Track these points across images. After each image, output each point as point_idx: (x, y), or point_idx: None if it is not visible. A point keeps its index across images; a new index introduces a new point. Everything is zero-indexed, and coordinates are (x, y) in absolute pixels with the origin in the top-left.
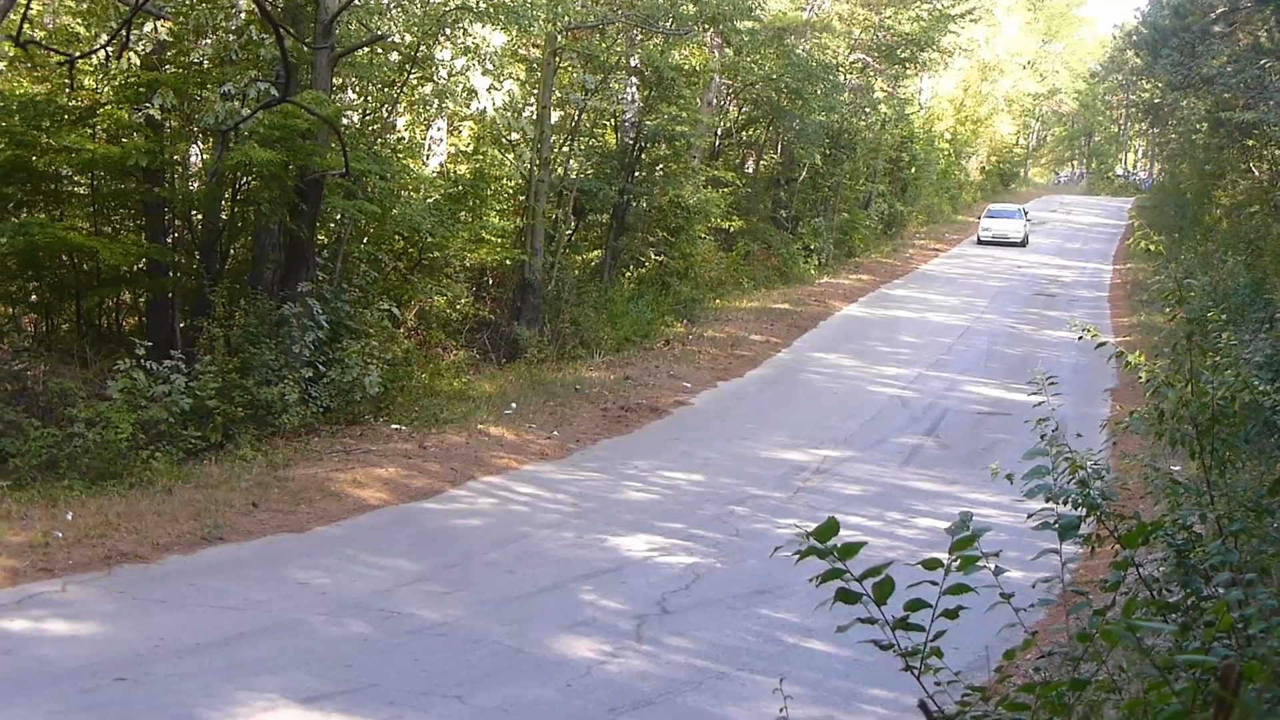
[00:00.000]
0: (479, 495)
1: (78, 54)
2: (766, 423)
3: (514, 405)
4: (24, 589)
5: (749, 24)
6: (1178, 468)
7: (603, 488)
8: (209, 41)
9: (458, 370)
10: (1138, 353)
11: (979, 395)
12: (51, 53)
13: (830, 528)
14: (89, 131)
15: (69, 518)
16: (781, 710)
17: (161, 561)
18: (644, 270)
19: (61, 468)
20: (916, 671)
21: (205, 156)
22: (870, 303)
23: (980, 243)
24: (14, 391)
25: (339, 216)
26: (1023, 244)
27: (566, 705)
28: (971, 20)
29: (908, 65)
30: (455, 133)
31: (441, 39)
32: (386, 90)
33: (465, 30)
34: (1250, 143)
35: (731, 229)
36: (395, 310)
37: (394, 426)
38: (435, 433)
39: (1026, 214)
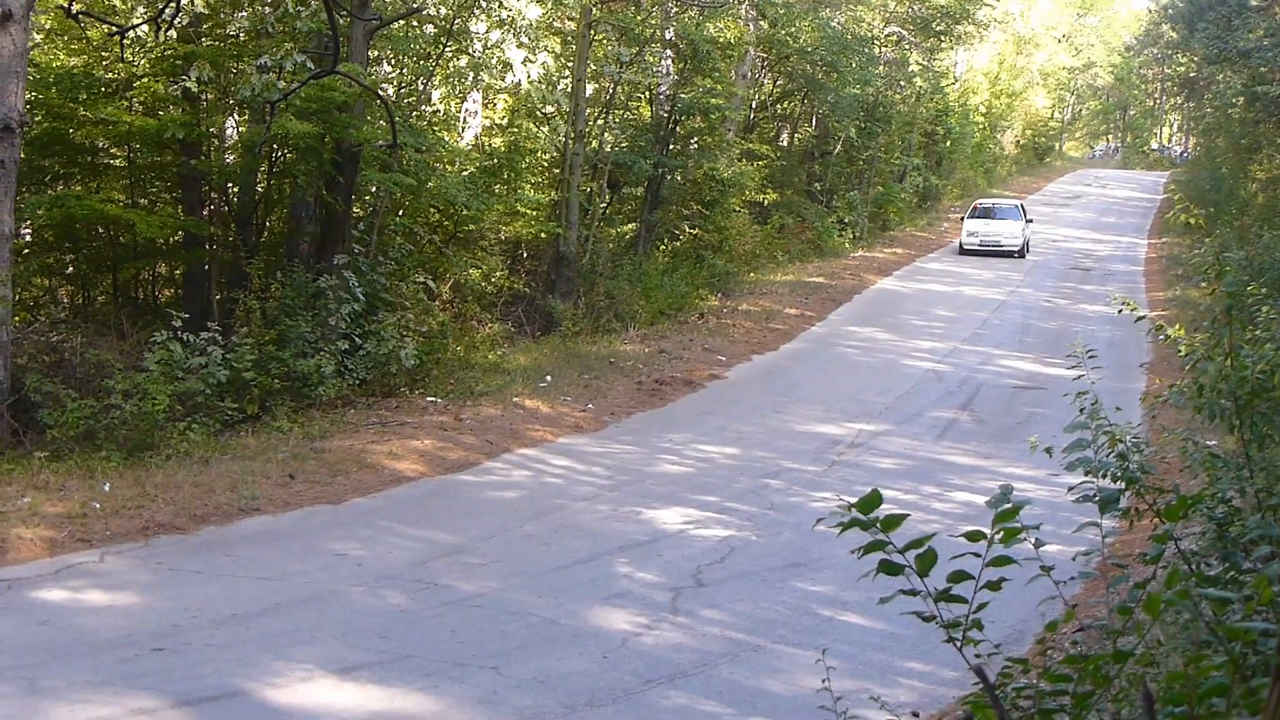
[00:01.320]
0: (514, 467)
1: (128, 24)
2: (801, 396)
3: (549, 378)
4: (62, 559)
5: None
6: (1215, 442)
7: (637, 460)
8: (245, 14)
9: (493, 343)
10: (1177, 326)
11: (1014, 369)
12: (102, 23)
13: (873, 500)
14: (126, 104)
15: (106, 489)
16: (824, 681)
17: (198, 532)
18: (678, 243)
19: (99, 439)
20: (958, 643)
21: (241, 129)
22: (905, 276)
23: (962, 252)
24: (51, 363)
25: (374, 189)
26: (1020, 254)
27: (602, 676)
28: None
29: (943, 38)
30: (490, 106)
31: (477, 11)
32: (422, 63)
33: (500, 3)
34: None
35: (766, 202)
36: (431, 283)
37: (430, 399)
38: (471, 405)
39: (1026, 213)
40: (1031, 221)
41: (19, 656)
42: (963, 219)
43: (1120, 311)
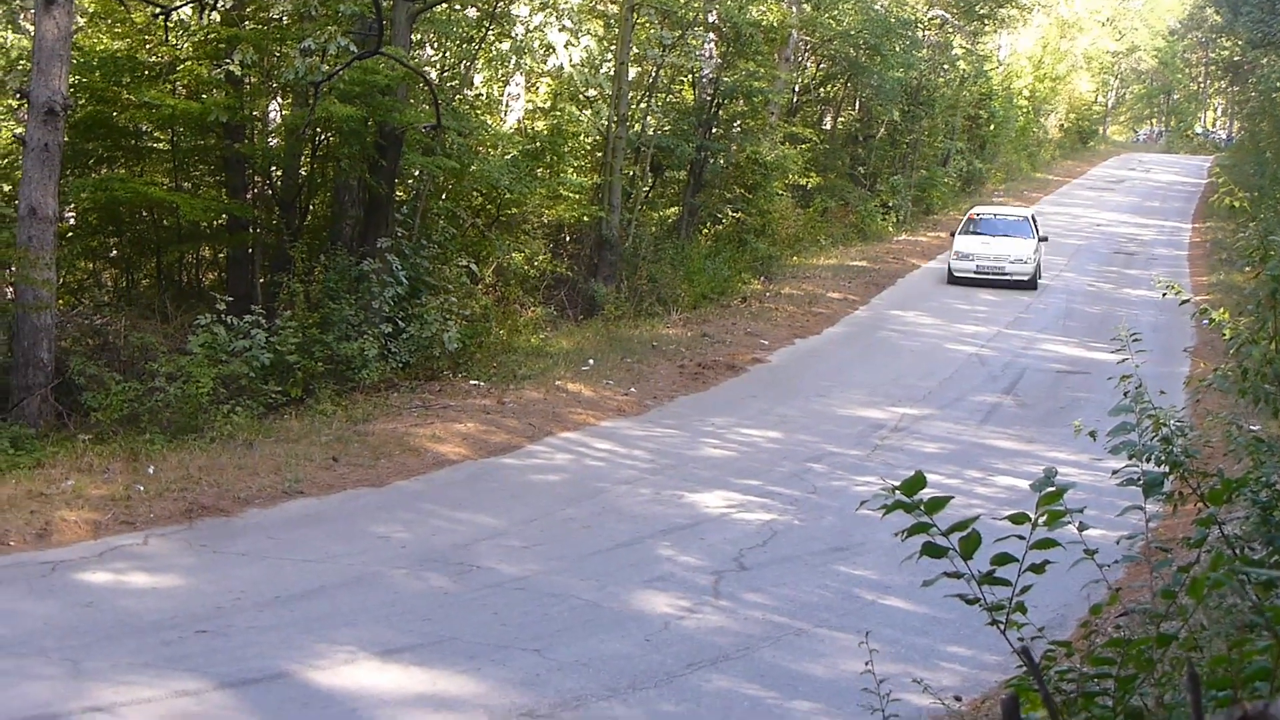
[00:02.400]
0: (557, 451)
1: (172, 7)
2: (844, 380)
3: (591, 362)
4: (106, 542)
5: None
6: (1258, 426)
7: (680, 444)
8: None
9: (535, 327)
10: (1221, 310)
11: (1057, 354)
12: (145, 6)
13: (917, 482)
14: (169, 87)
15: (150, 471)
16: (867, 664)
17: (242, 515)
18: (721, 227)
19: (143, 422)
20: (1002, 626)
21: (285, 113)
22: (949, 260)
23: (952, 280)
24: (95, 346)
25: (417, 173)
26: (1030, 284)
27: (645, 659)
28: None
29: (986, 22)
30: (533, 89)
31: None
32: (464, 46)
33: None
34: None
35: (809, 186)
36: (473, 266)
37: (472, 382)
38: (513, 388)
39: (1037, 227)
40: (1045, 239)
41: (64, 638)
42: (952, 235)
43: (1165, 295)
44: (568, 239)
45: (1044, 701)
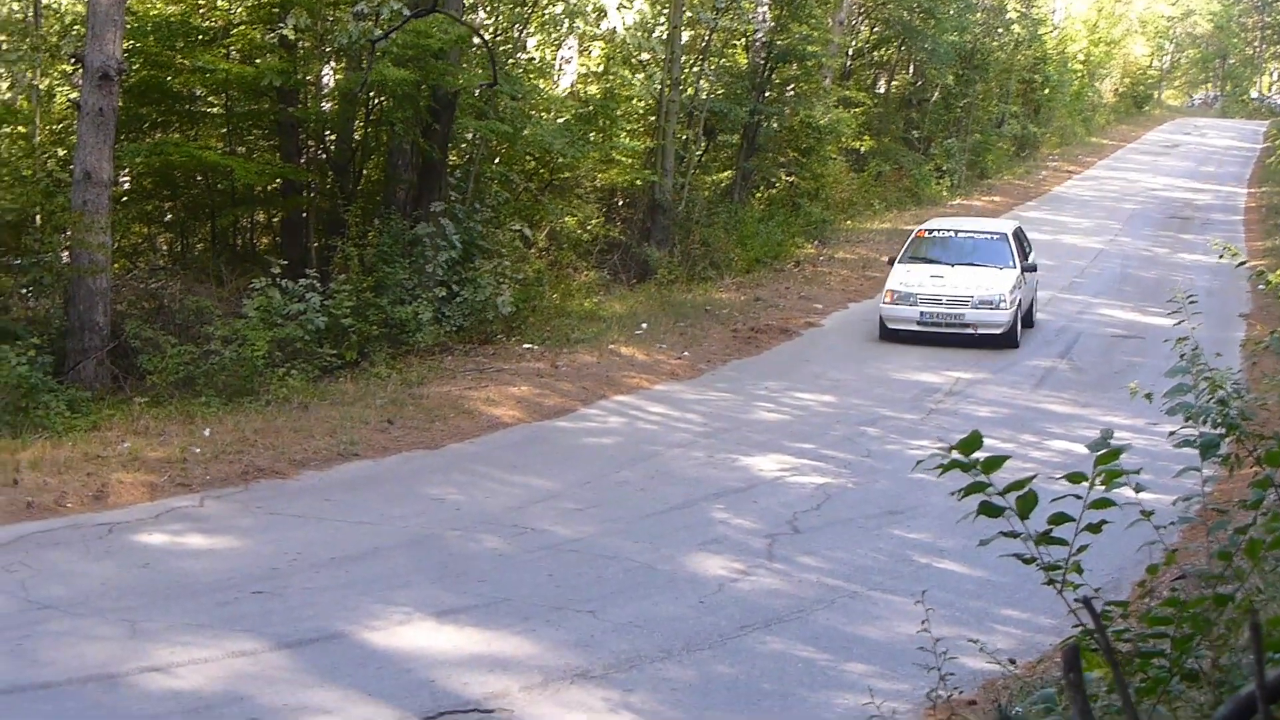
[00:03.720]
0: (610, 414)
1: None
2: (898, 344)
3: (644, 325)
4: (163, 504)
5: None
6: None
7: (733, 408)
8: None
9: (589, 290)
10: (1278, 273)
11: (1113, 318)
12: None
13: (974, 441)
14: (223, 52)
15: (206, 434)
16: (923, 623)
17: (298, 477)
18: (774, 191)
19: (198, 385)
20: (1058, 586)
21: (338, 76)
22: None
23: (883, 336)
24: (151, 309)
25: (470, 136)
26: (1007, 338)
27: (699, 621)
28: None
29: None
30: (585, 53)
31: None
32: (516, 10)
33: None
34: None
35: (863, 150)
36: (527, 231)
37: (526, 346)
38: (567, 352)
39: (1024, 247)
40: (1034, 269)
41: (121, 599)
42: (890, 263)
43: (1221, 257)
44: (621, 203)
45: (1105, 654)
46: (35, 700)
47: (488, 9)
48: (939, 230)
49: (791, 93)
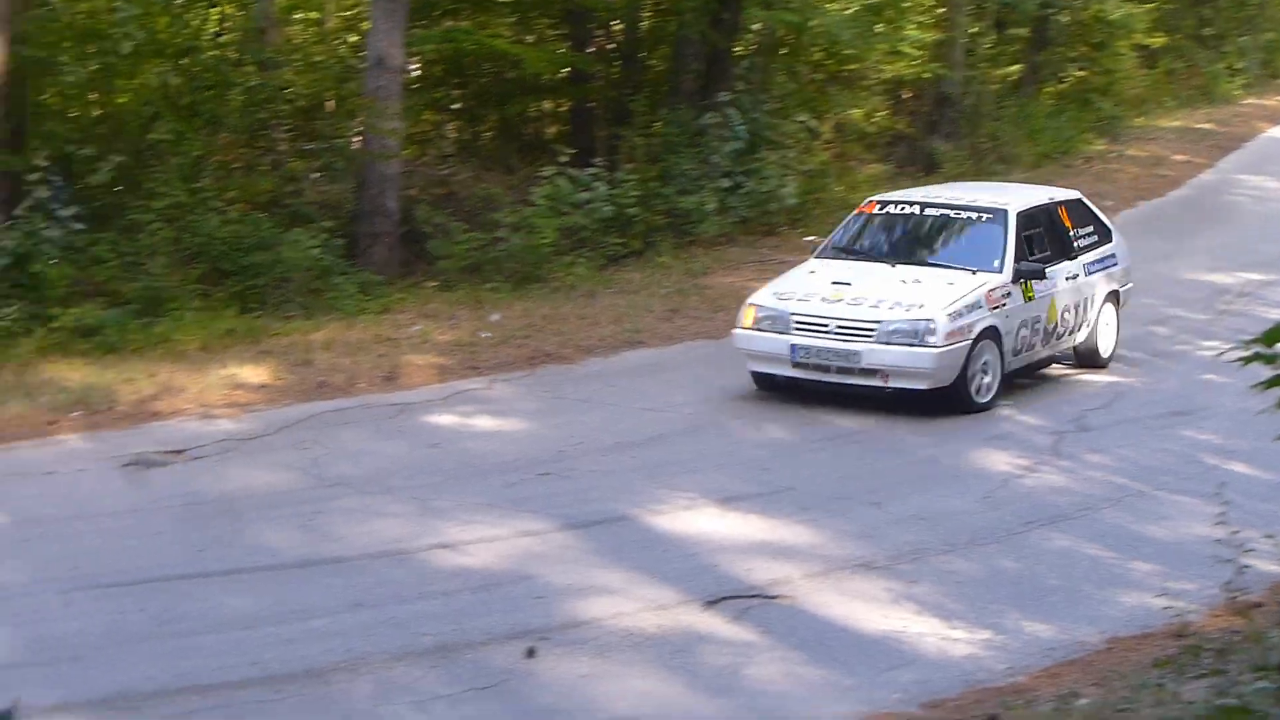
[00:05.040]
0: None
1: None
2: (1188, 244)
3: None
4: (452, 386)
5: None
6: None
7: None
8: None
9: (874, 183)
10: None
11: None
12: None
13: (1278, 332)
14: None
15: (495, 319)
16: (1219, 516)
17: (583, 363)
18: (1064, 86)
19: (486, 271)
20: None
21: None
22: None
23: (761, 382)
24: (440, 196)
25: (757, 26)
26: (944, 394)
27: (983, 516)
28: None
29: None
30: None
31: None
32: None
33: None
34: None
35: (1154, 46)
36: (812, 122)
37: (809, 238)
38: None
39: (1059, 228)
40: (1113, 265)
41: (412, 477)
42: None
43: None
44: (907, 96)
45: None
46: (328, 574)
47: None
48: (896, 204)
49: None
